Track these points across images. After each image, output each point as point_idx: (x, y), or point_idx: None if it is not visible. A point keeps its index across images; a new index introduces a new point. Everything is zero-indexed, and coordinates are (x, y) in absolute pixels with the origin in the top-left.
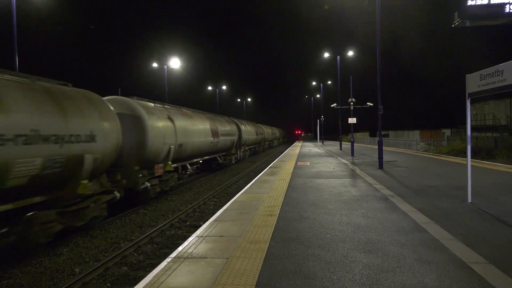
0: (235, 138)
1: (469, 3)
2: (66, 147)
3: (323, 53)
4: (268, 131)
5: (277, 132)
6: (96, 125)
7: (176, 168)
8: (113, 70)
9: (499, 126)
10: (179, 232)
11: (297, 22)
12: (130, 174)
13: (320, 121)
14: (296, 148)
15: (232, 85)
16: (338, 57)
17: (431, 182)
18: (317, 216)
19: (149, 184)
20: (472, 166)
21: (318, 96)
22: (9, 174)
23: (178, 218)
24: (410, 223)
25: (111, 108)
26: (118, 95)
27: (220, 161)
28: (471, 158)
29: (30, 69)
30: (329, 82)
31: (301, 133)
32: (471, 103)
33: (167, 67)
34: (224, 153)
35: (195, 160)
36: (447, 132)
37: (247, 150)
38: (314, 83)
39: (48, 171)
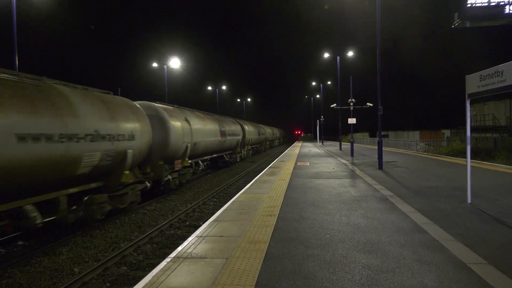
0: (240, 138)
1: (469, 4)
2: (116, 144)
3: (323, 54)
4: (269, 131)
5: (277, 132)
6: (135, 126)
7: (191, 164)
8: (113, 70)
9: (498, 127)
10: (179, 232)
11: (297, 23)
12: (156, 168)
13: (320, 121)
14: (296, 148)
15: (232, 85)
16: (338, 57)
17: (430, 183)
18: (317, 217)
19: (170, 177)
20: (471, 166)
21: (318, 96)
22: (80, 165)
23: (178, 218)
24: (410, 223)
25: (144, 112)
26: (118, 94)
27: (227, 159)
28: (471, 158)
29: (31, 68)
30: (329, 83)
31: (301, 133)
32: (471, 103)
33: (167, 67)
34: (230, 152)
35: (205, 157)
36: (447, 132)
37: (250, 149)
38: (314, 83)
39: (103, 163)
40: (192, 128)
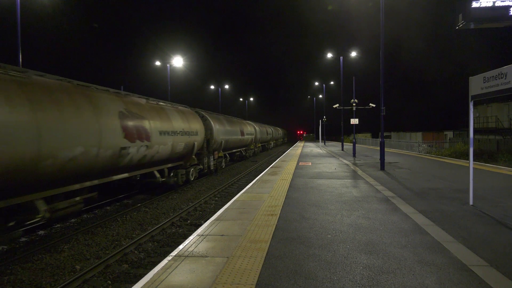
0: (272, 136)
1: (474, 5)
2: (244, 137)
3: (326, 54)
4: (271, 131)
5: (279, 132)
6: (250, 129)
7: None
8: (116, 68)
9: (501, 129)
10: (180, 230)
11: (300, 24)
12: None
13: (322, 121)
14: (298, 148)
15: (235, 85)
16: (341, 57)
17: (432, 184)
18: (318, 217)
19: (256, 150)
20: (474, 168)
21: (320, 96)
22: (247, 142)
23: (179, 217)
24: (411, 224)
25: (252, 124)
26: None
27: (267, 147)
28: (473, 160)
29: (35, 65)
30: (332, 83)
31: (303, 133)
32: (474, 105)
33: (170, 66)
34: (266, 143)
35: (260, 143)
36: (450, 134)
37: (274, 142)
38: (316, 83)
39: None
40: (260, 130)
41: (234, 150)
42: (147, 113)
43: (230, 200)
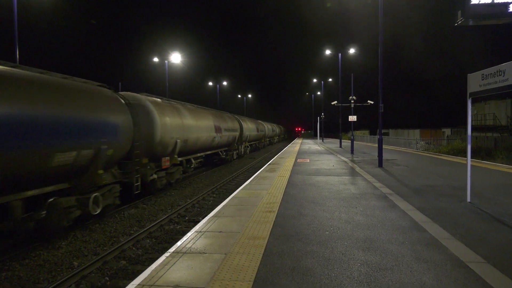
0: (277, 132)
1: (473, 2)
2: (259, 133)
3: (325, 51)
4: (281, 128)
5: (277, 129)
6: (262, 127)
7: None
8: (114, 64)
9: (499, 127)
10: (178, 227)
11: (300, 21)
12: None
13: (320, 118)
14: (296, 145)
15: (234, 82)
16: (340, 54)
17: (430, 182)
18: (316, 213)
19: (266, 143)
20: (471, 166)
21: (319, 93)
22: (264, 136)
23: (177, 213)
24: (409, 221)
25: (262, 123)
26: (119, 89)
27: (272, 141)
28: (471, 158)
29: (32, 62)
30: (330, 80)
31: (301, 130)
32: (472, 103)
33: (168, 62)
34: (271, 138)
35: (268, 138)
36: (447, 131)
37: (277, 138)
38: (315, 80)
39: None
40: (267, 128)
41: (252, 142)
42: (218, 119)
43: (228, 196)
